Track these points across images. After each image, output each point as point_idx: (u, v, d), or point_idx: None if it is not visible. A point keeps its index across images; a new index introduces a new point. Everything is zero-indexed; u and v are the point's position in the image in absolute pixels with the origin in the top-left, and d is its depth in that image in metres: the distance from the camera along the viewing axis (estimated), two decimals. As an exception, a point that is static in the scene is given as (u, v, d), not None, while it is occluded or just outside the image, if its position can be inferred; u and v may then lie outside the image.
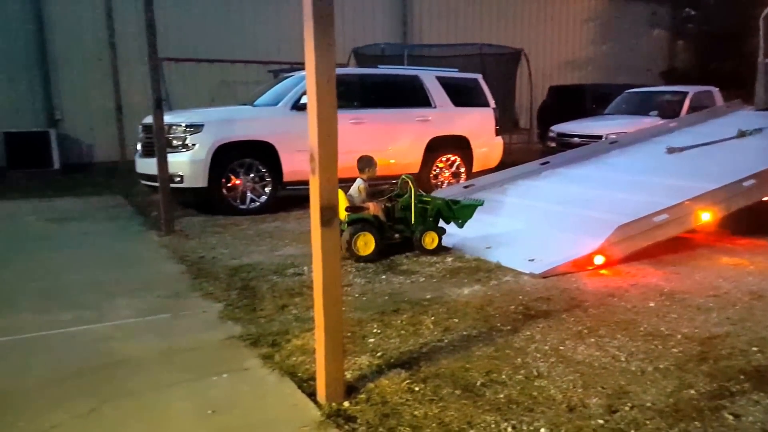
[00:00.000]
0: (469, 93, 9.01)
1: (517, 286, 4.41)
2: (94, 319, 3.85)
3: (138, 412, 2.67)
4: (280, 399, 2.79)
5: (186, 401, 2.77)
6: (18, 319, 3.85)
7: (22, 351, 3.37)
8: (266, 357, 3.23)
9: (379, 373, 3.01)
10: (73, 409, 2.68)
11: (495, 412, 2.65)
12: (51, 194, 9.48)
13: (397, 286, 4.47)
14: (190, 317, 3.91)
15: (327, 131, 2.52)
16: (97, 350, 3.36)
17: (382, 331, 3.58)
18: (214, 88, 14.20)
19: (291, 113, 7.61)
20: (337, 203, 2.64)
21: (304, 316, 3.84)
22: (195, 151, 7.15)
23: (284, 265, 5.06)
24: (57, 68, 12.76)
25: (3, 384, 2.95)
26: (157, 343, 3.47)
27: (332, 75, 2.49)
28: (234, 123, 7.55)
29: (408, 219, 5.38)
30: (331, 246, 2.62)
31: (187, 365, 3.16)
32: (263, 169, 7.56)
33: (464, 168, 8.88)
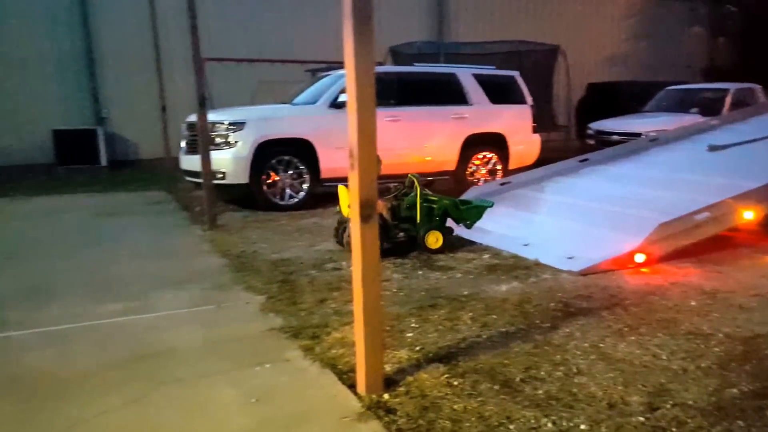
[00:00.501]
0: (506, 90, 8.94)
1: (556, 283, 4.36)
2: (142, 309, 3.98)
3: (185, 399, 2.75)
4: (320, 390, 2.83)
5: (230, 389, 2.83)
6: (70, 308, 4.00)
7: (74, 339, 3.50)
8: (307, 349, 3.28)
9: (417, 366, 3.03)
10: (124, 395, 2.77)
11: (534, 407, 2.63)
12: (98, 189, 9.80)
13: (433, 282, 4.47)
14: (233, 309, 4.00)
15: (366, 128, 2.55)
16: (145, 339, 3.47)
17: (420, 325, 3.59)
18: (253, 87, 14.43)
19: (329, 111, 7.70)
20: (376, 199, 2.66)
21: (342, 310, 3.88)
22: (237, 148, 7.29)
23: (322, 260, 5.12)
24: (104, 68, 13.16)
25: (57, 369, 3.07)
26: (202, 333, 3.56)
27: (371, 73, 2.51)
28: (274, 121, 7.67)
29: (413, 218, 5.29)
30: (370, 241, 2.64)
31: (231, 355, 3.23)
32: (301, 166, 7.66)
33: (500, 165, 8.81)
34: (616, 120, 10.95)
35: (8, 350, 3.34)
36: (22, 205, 8.33)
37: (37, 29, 12.64)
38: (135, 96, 13.29)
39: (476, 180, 8.68)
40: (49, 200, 8.77)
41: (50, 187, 10.07)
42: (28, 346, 3.38)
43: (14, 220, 7.18)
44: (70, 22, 12.86)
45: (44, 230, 6.64)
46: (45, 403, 2.71)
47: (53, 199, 8.83)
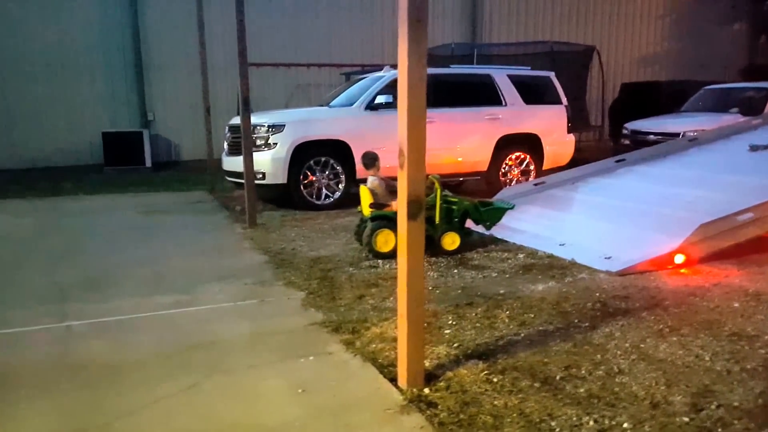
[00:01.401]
0: (540, 91, 8.83)
1: (594, 283, 4.30)
2: (191, 302, 4.09)
3: (235, 388, 2.81)
4: (363, 382, 2.87)
5: (277, 380, 2.89)
6: (125, 301, 4.14)
7: (130, 330, 3.62)
8: (348, 343, 3.32)
9: (456, 362, 3.03)
10: (177, 383, 2.86)
11: (576, 405, 2.61)
12: (144, 189, 10.06)
13: (469, 281, 4.46)
14: (276, 303, 4.07)
15: (416, 128, 2.58)
16: (195, 331, 3.57)
17: (457, 322, 3.59)
18: (289, 90, 14.62)
19: (365, 113, 7.75)
20: (424, 197, 2.68)
21: (380, 306, 3.92)
22: (276, 149, 7.40)
23: (359, 258, 5.16)
24: (150, 72, 13.54)
25: (115, 358, 3.19)
26: (248, 326, 3.64)
27: (423, 74, 2.55)
28: (312, 123, 7.75)
29: (432, 218, 5.19)
30: (416, 238, 2.66)
31: (276, 347, 3.30)
32: (338, 167, 7.72)
33: (534, 166, 8.70)
34: (653, 120, 10.70)
35: (69, 339, 3.47)
36: (74, 203, 8.62)
37: (90, 35, 13.09)
38: (178, 99, 13.62)
39: (509, 180, 8.61)
40: (99, 199, 9.06)
41: (99, 186, 10.38)
42: (87, 335, 3.52)
43: (68, 217, 7.43)
44: (121, 28, 13.28)
45: (96, 227, 6.86)
46: (106, 389, 2.82)
47: (103, 198, 9.11)
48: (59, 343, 3.41)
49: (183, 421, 2.53)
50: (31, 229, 6.73)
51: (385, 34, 15.25)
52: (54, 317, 3.80)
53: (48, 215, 7.62)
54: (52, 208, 8.22)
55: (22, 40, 12.55)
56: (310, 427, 2.48)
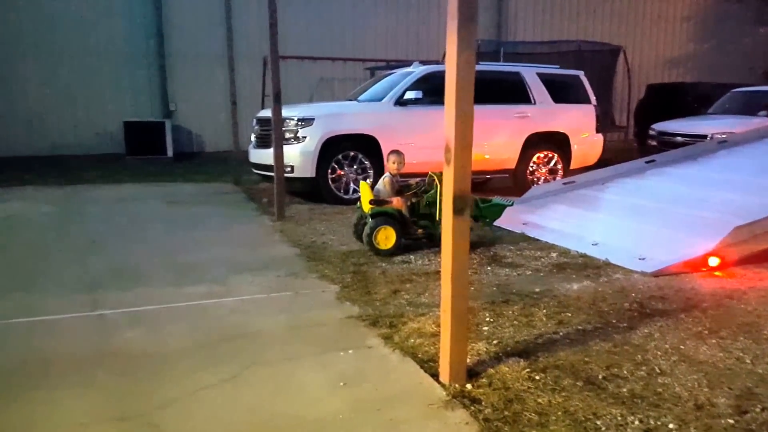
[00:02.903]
0: (570, 89, 8.79)
1: (629, 283, 4.29)
2: (225, 293, 4.14)
3: (276, 380, 2.85)
4: (404, 377, 2.89)
5: (318, 373, 2.92)
6: (157, 290, 4.20)
7: (164, 319, 3.67)
8: (386, 337, 3.34)
9: (497, 360, 3.05)
10: (217, 374, 2.89)
11: (620, 405, 2.61)
12: (168, 179, 10.15)
13: (503, 278, 4.47)
14: (310, 296, 4.10)
15: (464, 123, 2.59)
16: (231, 322, 3.61)
17: (494, 320, 3.60)
18: (312, 84, 14.67)
19: (394, 109, 7.78)
20: (470, 193, 2.69)
21: (416, 302, 3.94)
22: (306, 143, 7.45)
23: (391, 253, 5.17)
24: (174, 62, 13.63)
25: (152, 347, 3.23)
26: (284, 318, 3.67)
27: (472, 70, 2.55)
28: (341, 117, 7.79)
29: (433, 215, 5.22)
30: (461, 234, 2.68)
31: (314, 340, 3.33)
32: (366, 162, 7.76)
33: (561, 165, 8.68)
34: (681, 121, 10.60)
35: (104, 328, 3.52)
36: (99, 192, 8.74)
37: (114, 23, 13.21)
38: (201, 90, 13.72)
39: (536, 179, 8.59)
40: (123, 188, 9.16)
41: (122, 175, 10.51)
42: (121, 324, 3.56)
43: (94, 206, 7.53)
44: (144, 17, 13.38)
45: (122, 216, 6.95)
46: (145, 379, 2.86)
47: (127, 188, 9.22)
48: (95, 332, 3.46)
49: (225, 412, 2.56)
50: (58, 217, 6.83)
51: (411, 30, 15.25)
52: (87, 306, 3.85)
53: (73, 203, 7.73)
54: (76, 196, 8.34)
55: (46, 27, 12.70)
56: (355, 420, 2.51)
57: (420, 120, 7.85)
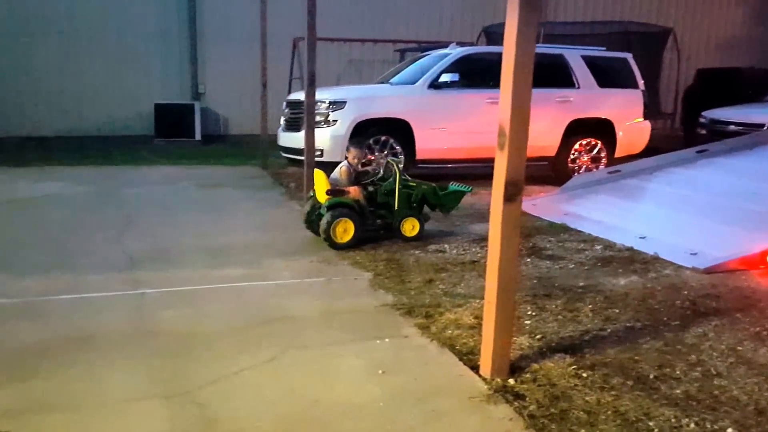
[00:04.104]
0: (616, 73, 8.57)
1: (680, 280, 4.19)
2: (259, 276, 4.20)
3: (314, 365, 2.87)
4: (444, 368, 2.88)
5: (356, 360, 2.94)
6: (193, 271, 4.28)
7: (202, 300, 3.74)
8: (422, 327, 3.33)
9: (541, 355, 3.01)
10: (256, 356, 2.94)
11: (673, 406, 2.55)
12: (197, 162, 10.28)
13: (545, 271, 4.41)
14: (344, 282, 4.12)
15: (520, 107, 2.56)
16: (266, 305, 3.66)
17: (537, 314, 3.56)
18: (340, 66, 14.62)
19: (428, 92, 7.73)
20: (523, 180, 2.64)
21: (452, 292, 3.92)
22: (336, 127, 7.45)
23: (425, 241, 5.16)
24: (204, 44, 13.72)
25: (189, 328, 3.30)
26: (318, 303, 3.70)
27: (532, 51, 2.51)
28: (373, 100, 7.77)
29: (391, 204, 5.10)
30: (512, 223, 2.64)
31: (349, 327, 3.35)
32: (397, 147, 7.72)
33: (605, 153, 8.49)
34: (734, 109, 10.25)
35: (144, 307, 3.61)
36: (130, 173, 8.90)
37: (146, 3, 13.34)
38: (231, 72, 13.76)
39: (577, 167, 8.45)
40: (154, 170, 9.31)
41: (151, 157, 10.68)
42: (160, 304, 3.64)
43: (127, 187, 7.68)
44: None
45: (154, 198, 7.07)
46: (187, 358, 2.92)
47: (157, 169, 9.37)
48: (136, 310, 3.55)
49: (266, 394, 2.60)
50: (93, 198, 7.00)
51: (444, 10, 15.06)
52: (127, 285, 3.95)
53: (107, 184, 7.89)
54: (109, 177, 8.51)
55: (77, 6, 12.91)
56: (395, 409, 2.51)
57: (455, 104, 7.78)
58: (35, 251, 4.73)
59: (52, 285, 3.93)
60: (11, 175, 8.38)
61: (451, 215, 6.30)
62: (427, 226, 5.76)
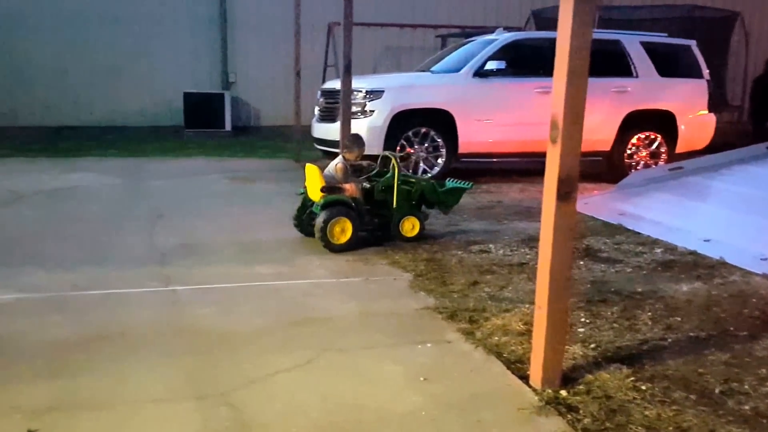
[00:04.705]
0: (679, 62, 8.40)
1: (749, 287, 4.07)
2: (292, 275, 4.26)
3: (353, 369, 2.90)
4: (490, 377, 2.86)
5: (396, 365, 2.94)
6: (224, 268, 4.37)
7: (234, 298, 3.81)
8: (466, 333, 3.32)
9: (596, 365, 2.97)
10: (292, 358, 2.97)
11: (741, 424, 2.49)
12: (227, 154, 10.49)
13: (599, 275, 4.35)
14: (382, 283, 4.15)
15: (575, 98, 2.52)
16: (301, 305, 3.71)
17: (591, 321, 3.51)
18: (378, 53, 14.65)
19: (472, 81, 7.70)
20: (578, 176, 2.61)
21: (498, 296, 3.89)
22: (373, 117, 7.48)
23: (467, 241, 5.15)
24: (235, 32, 13.92)
25: (223, 326, 3.36)
26: (355, 304, 3.73)
27: (588, 37, 2.47)
28: (413, 90, 7.78)
29: (389, 202, 5.01)
30: (566, 222, 2.60)
31: (388, 330, 3.36)
32: (438, 139, 7.71)
33: (665, 148, 8.32)
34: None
35: (177, 304, 3.71)
36: (159, 165, 9.14)
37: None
38: (263, 60, 13.95)
39: (634, 163, 8.32)
40: (183, 162, 9.54)
41: (181, 149, 10.93)
42: (192, 301, 3.73)
43: (156, 179, 7.89)
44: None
45: (184, 190, 7.24)
46: (222, 358, 2.98)
47: (186, 161, 9.60)
48: (168, 307, 3.64)
49: (303, 398, 2.63)
50: (123, 190, 7.22)
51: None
52: (158, 281, 4.06)
53: (135, 176, 8.11)
54: (138, 168, 8.75)
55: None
56: (439, 419, 2.51)
57: (502, 94, 7.73)
58: (64, 244, 4.89)
59: (82, 279, 4.06)
60: (39, 166, 8.70)
61: (494, 213, 6.27)
62: (470, 223, 5.80)
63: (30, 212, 6.06)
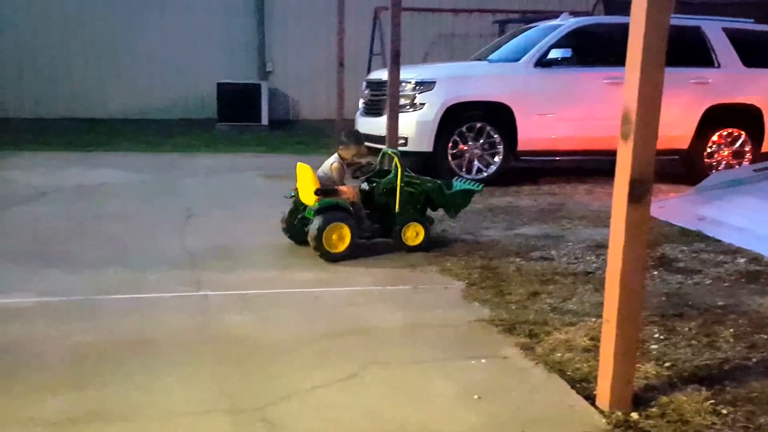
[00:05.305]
0: (765, 51, 8.18)
1: None
2: (333, 281, 4.32)
3: (399, 385, 2.91)
4: (552, 397, 2.84)
5: (447, 381, 2.95)
6: (260, 273, 4.46)
7: (270, 305, 3.88)
8: (525, 348, 3.31)
9: (670, 386, 2.92)
10: (332, 371, 3.01)
11: (839, 457, 2.41)
12: (263, 150, 10.69)
13: (675, 286, 4.27)
14: (432, 292, 4.16)
15: (650, 90, 2.50)
16: (344, 314, 3.75)
17: (665, 337, 3.45)
18: (429, 41, 14.66)
19: (534, 71, 7.67)
20: (652, 176, 2.58)
21: (562, 308, 3.87)
22: (423, 111, 7.50)
23: (527, 247, 5.13)
24: (273, 17, 14.12)
25: (257, 335, 3.42)
26: (402, 314, 3.76)
27: (665, 25, 2.45)
28: (467, 81, 7.79)
29: (392, 206, 4.92)
30: (637, 228, 2.57)
31: (438, 343, 3.37)
32: (495, 135, 7.68)
33: (750, 146, 8.12)
34: None
35: (207, 310, 3.79)
36: (191, 161, 9.39)
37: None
38: (303, 49, 14.12)
39: (715, 163, 8.15)
40: (217, 158, 9.77)
41: (214, 143, 11.18)
42: (225, 307, 3.81)
43: (187, 176, 8.10)
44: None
45: (218, 189, 7.42)
46: (256, 369, 3.04)
47: (219, 158, 9.82)
48: (199, 313, 3.72)
49: (345, 415, 2.65)
50: (152, 187, 7.44)
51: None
52: (189, 285, 4.15)
53: (165, 172, 8.35)
54: (168, 164, 9.00)
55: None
56: (494, 441, 2.51)
57: (567, 85, 7.67)
58: (90, 245, 5.05)
59: (109, 282, 4.18)
60: (64, 161, 9.02)
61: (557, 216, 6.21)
62: (530, 228, 5.77)
63: (53, 210, 6.26)
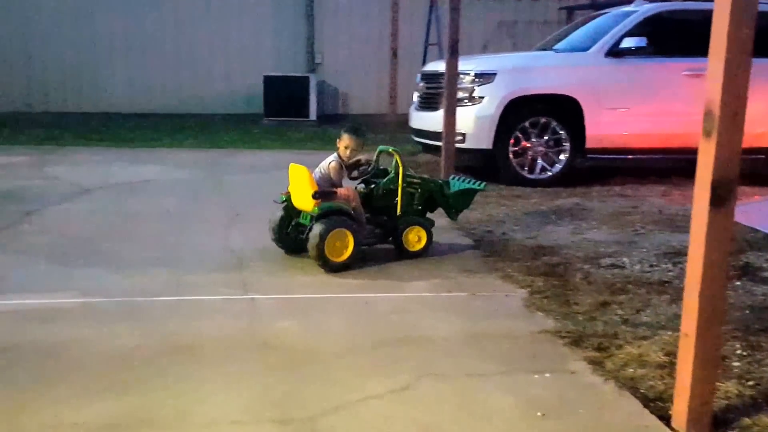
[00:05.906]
0: None
1: None
2: (386, 287, 4.38)
3: (455, 398, 2.95)
4: (623, 416, 2.83)
5: (507, 396, 2.97)
6: (308, 277, 4.55)
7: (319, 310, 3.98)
8: (594, 362, 3.30)
9: (754, 407, 2.88)
10: (385, 382, 3.06)
11: None
12: (311, 147, 10.83)
13: (760, 298, 4.18)
14: (491, 300, 4.18)
15: (736, 82, 2.47)
16: (396, 321, 3.81)
17: (749, 353, 3.39)
18: (489, 29, 14.61)
19: (605, 61, 7.63)
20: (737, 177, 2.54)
21: (634, 320, 3.84)
22: (483, 105, 7.52)
23: (596, 253, 5.09)
24: (322, 6, 14.30)
25: (307, 342, 3.50)
26: (459, 323, 3.79)
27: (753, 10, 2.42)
28: (531, 72, 7.80)
29: (393, 208, 4.89)
30: (720, 234, 2.54)
31: (498, 355, 3.39)
32: (561, 131, 7.64)
33: None
34: None
35: (254, 314, 3.90)
36: (237, 158, 9.66)
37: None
38: (353, 39, 14.27)
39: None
40: (262, 155, 10.00)
41: (261, 140, 11.42)
42: (273, 312, 3.92)
43: (233, 174, 8.34)
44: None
45: (263, 188, 7.50)
46: (305, 377, 3.12)
47: (266, 154, 10.05)
48: (245, 318, 3.84)
49: (399, 428, 2.70)
50: (196, 185, 7.67)
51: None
52: (235, 288, 4.28)
53: (211, 170, 8.61)
54: (213, 161, 9.27)
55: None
56: (560, 462, 2.52)
57: (641, 77, 7.58)
58: (132, 244, 5.25)
59: (153, 284, 4.34)
60: (105, 156, 9.37)
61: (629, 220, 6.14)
62: (599, 232, 5.73)
63: (96, 207, 6.52)
